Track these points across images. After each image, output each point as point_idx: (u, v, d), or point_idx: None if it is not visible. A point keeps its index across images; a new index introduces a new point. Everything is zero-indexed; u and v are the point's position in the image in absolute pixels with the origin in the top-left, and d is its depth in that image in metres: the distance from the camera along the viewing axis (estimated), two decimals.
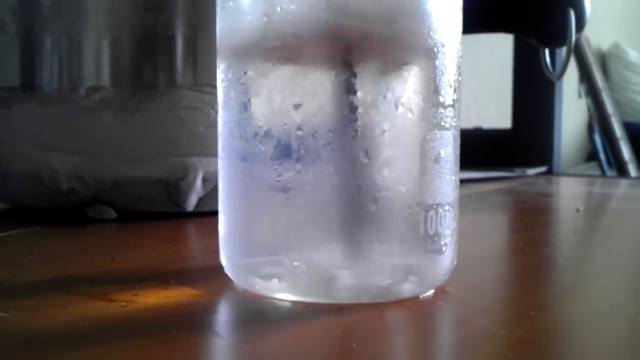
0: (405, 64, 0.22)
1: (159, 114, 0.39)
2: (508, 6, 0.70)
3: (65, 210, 0.41)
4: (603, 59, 2.07)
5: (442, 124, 0.23)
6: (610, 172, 1.54)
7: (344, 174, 0.21)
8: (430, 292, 0.23)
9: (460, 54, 0.24)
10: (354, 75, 0.21)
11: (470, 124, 1.07)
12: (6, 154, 0.42)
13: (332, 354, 0.18)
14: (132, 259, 0.30)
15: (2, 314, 0.21)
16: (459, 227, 0.24)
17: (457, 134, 0.24)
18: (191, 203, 0.40)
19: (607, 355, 0.19)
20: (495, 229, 0.45)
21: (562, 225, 0.46)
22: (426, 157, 0.22)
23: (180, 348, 0.18)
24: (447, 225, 0.23)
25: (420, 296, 0.23)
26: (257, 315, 0.22)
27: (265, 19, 0.22)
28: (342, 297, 0.22)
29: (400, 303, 0.22)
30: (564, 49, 0.67)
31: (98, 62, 0.40)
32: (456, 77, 0.23)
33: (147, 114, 0.39)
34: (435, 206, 0.22)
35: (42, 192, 0.40)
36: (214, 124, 0.34)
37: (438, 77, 0.22)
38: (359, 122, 0.21)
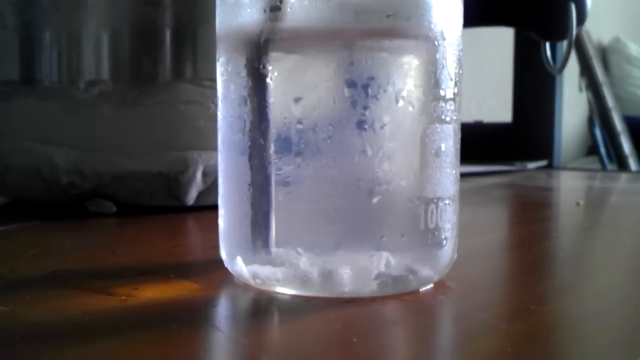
0: (406, 57, 0.22)
1: (159, 108, 0.39)
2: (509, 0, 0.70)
3: (65, 204, 0.41)
4: (604, 53, 2.07)
5: (443, 117, 0.22)
6: (610, 166, 1.54)
7: (344, 168, 0.21)
8: (431, 286, 0.23)
9: (461, 47, 0.24)
10: (354, 68, 0.21)
11: (470, 117, 1.07)
12: (6, 148, 0.42)
13: (332, 348, 0.18)
14: (132, 253, 0.30)
15: (2, 308, 0.21)
16: (459, 221, 0.24)
17: (458, 127, 0.24)
18: (191, 197, 0.40)
19: (608, 349, 0.19)
20: (495, 223, 0.45)
21: (562, 219, 0.46)
22: (427, 151, 0.22)
23: (180, 342, 0.18)
24: (448, 219, 0.23)
25: (421, 290, 0.23)
26: (257, 309, 0.22)
27: (264, 11, 0.22)
28: (342, 291, 0.22)
29: (401, 297, 0.22)
30: (564, 43, 0.67)
31: (97, 56, 0.40)
32: (457, 71, 0.23)
33: (146, 108, 0.39)
34: (435, 200, 0.22)
35: (42, 186, 0.40)
36: (213, 118, 0.34)
37: (439, 71, 0.22)
38: (359, 116, 0.21)
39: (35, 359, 0.17)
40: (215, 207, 0.25)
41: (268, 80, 0.22)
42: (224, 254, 0.24)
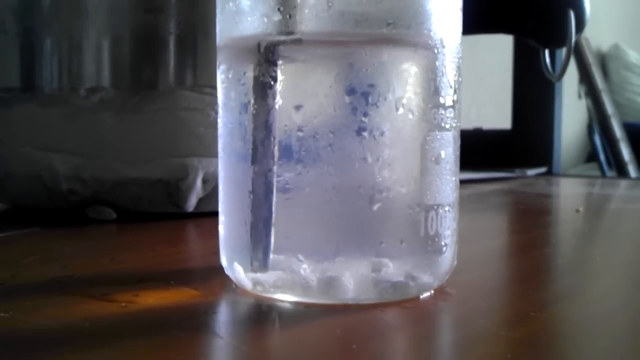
0: (406, 64, 0.22)
1: (159, 115, 0.39)
2: (508, 7, 0.70)
3: (65, 210, 0.41)
4: (603, 60, 2.08)
5: (443, 124, 0.23)
6: (610, 173, 1.54)
7: (344, 175, 0.21)
8: (430, 292, 0.23)
9: (460, 55, 0.24)
10: (354, 76, 0.21)
11: (470, 124, 1.07)
12: (6, 155, 0.42)
13: (332, 355, 0.18)
14: (132, 259, 0.30)
15: (2, 314, 0.21)
16: (459, 228, 0.24)
17: (457, 134, 0.24)
18: (191, 204, 0.40)
19: (607, 355, 0.19)
20: (495, 229, 0.45)
21: (562, 226, 0.46)
22: (426, 158, 0.22)
23: (180, 348, 0.18)
24: (448, 225, 0.23)
25: (420, 296, 0.23)
26: (257, 316, 0.22)
27: (265, 20, 0.22)
28: (342, 297, 0.22)
29: (401, 303, 0.22)
30: (563, 50, 0.67)
31: (98, 63, 0.40)
32: (456, 78, 0.23)
33: (147, 115, 0.39)
34: (435, 207, 0.22)
35: (42, 193, 0.40)
36: (214, 125, 0.34)
37: (438, 78, 0.22)
38: (359, 123, 0.21)
39: None
40: (215, 214, 0.25)
41: (268, 88, 0.22)
42: (224, 261, 0.24)
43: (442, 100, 0.23)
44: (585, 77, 1.57)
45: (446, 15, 0.23)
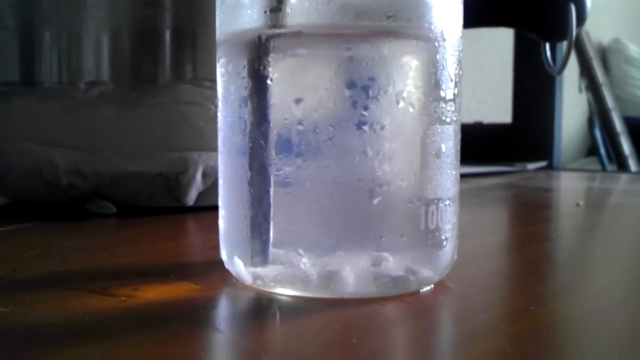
0: (406, 58, 0.22)
1: (159, 109, 0.39)
2: (509, 0, 0.70)
3: (65, 205, 0.41)
4: (603, 54, 2.07)
5: (443, 118, 0.22)
6: (610, 167, 1.54)
7: (344, 169, 0.21)
8: (431, 286, 0.23)
9: (461, 48, 0.24)
10: (354, 69, 0.21)
11: (470, 118, 1.07)
12: (6, 149, 0.42)
13: (332, 349, 0.18)
14: (132, 253, 0.30)
15: (2, 309, 0.21)
16: (459, 222, 0.24)
17: (458, 128, 0.24)
18: (191, 198, 0.40)
19: (608, 350, 0.19)
20: (495, 223, 0.45)
21: (562, 220, 0.46)
22: (427, 152, 0.22)
23: (180, 343, 0.18)
24: (448, 219, 0.23)
25: (421, 291, 0.23)
26: (257, 310, 0.22)
27: (265, 13, 0.22)
28: (342, 291, 0.22)
29: (401, 297, 0.22)
30: (564, 44, 0.67)
31: (98, 57, 0.40)
32: (457, 72, 0.23)
33: (146, 109, 0.39)
34: (436, 201, 0.22)
35: (42, 187, 0.40)
36: (213, 119, 0.34)
37: (439, 72, 0.22)
38: (359, 117, 0.21)
39: None
40: (215, 208, 0.25)
41: (268, 81, 0.22)
42: (224, 255, 0.24)
43: (442, 94, 0.22)
44: (586, 70, 1.56)
45: (447, 8, 0.22)
